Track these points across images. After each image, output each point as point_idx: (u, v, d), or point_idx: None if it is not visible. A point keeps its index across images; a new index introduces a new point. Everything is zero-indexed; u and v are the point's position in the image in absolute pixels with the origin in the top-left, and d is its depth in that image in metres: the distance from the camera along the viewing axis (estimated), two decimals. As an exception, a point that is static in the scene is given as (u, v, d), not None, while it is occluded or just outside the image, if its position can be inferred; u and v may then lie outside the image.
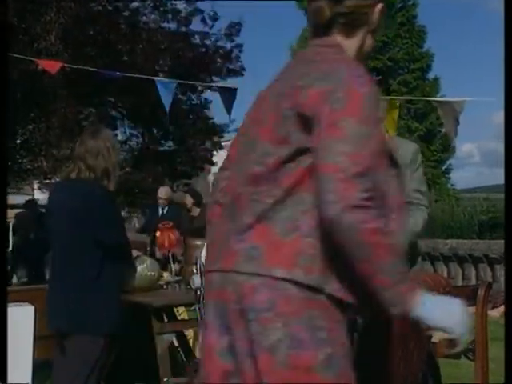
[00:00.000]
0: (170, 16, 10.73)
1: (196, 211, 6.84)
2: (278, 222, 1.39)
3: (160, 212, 7.11)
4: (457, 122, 8.36)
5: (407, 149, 2.82)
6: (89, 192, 2.71)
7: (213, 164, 12.34)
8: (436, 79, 18.05)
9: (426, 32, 17.98)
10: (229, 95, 7.47)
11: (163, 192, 7.23)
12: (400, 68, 17.72)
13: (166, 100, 7.10)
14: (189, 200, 7.09)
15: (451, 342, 2.43)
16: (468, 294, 2.57)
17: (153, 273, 3.49)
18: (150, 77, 7.55)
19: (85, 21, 9.20)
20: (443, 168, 18.40)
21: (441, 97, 16.77)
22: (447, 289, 2.08)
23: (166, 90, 7.18)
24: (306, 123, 1.38)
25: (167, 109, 7.01)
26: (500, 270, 8.26)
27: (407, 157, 2.79)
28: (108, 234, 2.68)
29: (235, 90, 7.58)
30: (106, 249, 2.66)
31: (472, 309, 2.56)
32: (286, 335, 1.35)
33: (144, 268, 3.43)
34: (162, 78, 7.55)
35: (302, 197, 1.39)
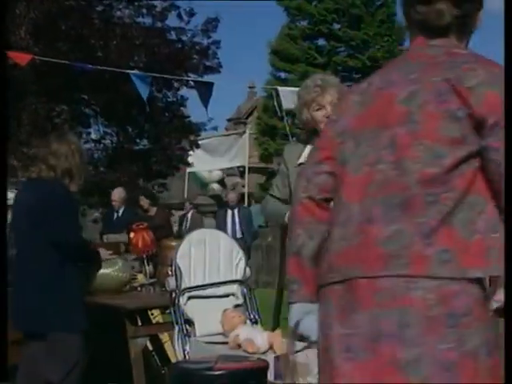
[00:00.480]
0: (144, 11, 10.67)
1: (153, 211, 7.09)
2: (458, 223, 1.41)
3: (115, 215, 7.20)
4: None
5: None
6: (48, 191, 2.76)
7: (189, 164, 12.31)
8: (416, 78, 18.23)
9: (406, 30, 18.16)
10: (205, 90, 7.46)
11: (117, 194, 7.34)
12: (380, 67, 17.82)
13: (144, 93, 7.06)
14: (144, 201, 7.36)
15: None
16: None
17: (124, 274, 3.49)
18: (125, 70, 7.51)
19: (56, 15, 9.12)
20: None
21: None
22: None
23: (142, 83, 7.15)
24: (480, 125, 1.43)
25: (145, 99, 6.98)
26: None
27: None
28: (66, 233, 2.71)
29: (211, 84, 7.59)
30: (65, 248, 2.69)
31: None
32: (484, 340, 1.38)
33: (116, 270, 3.43)
34: (137, 72, 7.50)
35: (476, 198, 1.43)
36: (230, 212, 10.01)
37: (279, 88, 9.20)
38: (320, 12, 17.55)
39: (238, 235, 9.40)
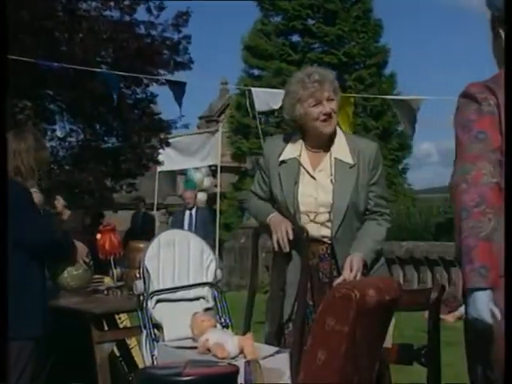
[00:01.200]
0: (112, 4, 10.59)
1: (66, 214, 7.07)
2: None
3: None
4: (414, 120, 8.54)
5: (367, 150, 2.81)
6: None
7: (159, 163, 12.24)
8: (392, 75, 18.40)
9: (383, 26, 18.31)
10: (177, 89, 7.45)
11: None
12: (356, 63, 17.99)
13: (113, 91, 7.01)
14: (60, 203, 7.32)
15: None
16: (420, 298, 2.63)
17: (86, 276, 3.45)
18: (94, 69, 7.45)
19: (18, 6, 8.98)
20: (400, 167, 18.77)
21: (397, 93, 17.11)
22: (398, 293, 2.12)
23: (111, 81, 7.10)
24: None
25: (115, 98, 6.93)
26: (456, 273, 8.48)
27: (367, 159, 2.79)
28: (26, 233, 2.68)
29: (184, 84, 7.58)
30: (27, 249, 2.66)
31: (425, 313, 2.62)
32: None
33: (78, 271, 3.39)
34: (106, 71, 7.44)
35: None
36: (187, 213, 9.83)
37: (252, 89, 9.22)
38: (294, 7, 17.62)
39: None
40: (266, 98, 8.76)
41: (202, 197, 19.02)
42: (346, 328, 1.88)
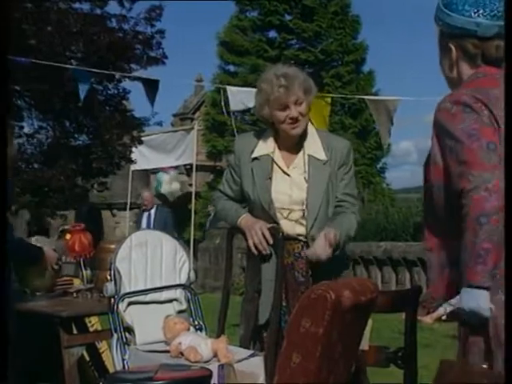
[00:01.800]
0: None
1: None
2: None
3: None
4: (390, 121, 8.58)
5: (338, 146, 2.84)
6: None
7: (131, 161, 12.18)
8: (371, 73, 18.50)
9: (361, 22, 18.40)
10: (150, 87, 7.42)
11: None
12: (333, 60, 18.06)
13: (81, 89, 6.95)
14: None
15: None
16: (397, 299, 2.65)
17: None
18: (64, 65, 7.39)
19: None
20: (378, 166, 18.89)
21: (375, 92, 17.23)
22: (374, 294, 2.14)
23: (79, 78, 7.04)
24: None
25: (82, 97, 6.87)
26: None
27: (338, 155, 2.82)
28: None
29: (157, 82, 7.55)
30: None
31: (402, 314, 2.65)
32: None
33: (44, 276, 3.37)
34: (76, 67, 7.37)
35: None
36: (145, 214, 9.65)
37: (227, 87, 9.21)
38: (271, 2, 17.63)
39: None
40: (242, 97, 8.76)
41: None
42: (322, 330, 1.89)
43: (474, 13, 2.07)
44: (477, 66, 2.13)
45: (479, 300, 1.87)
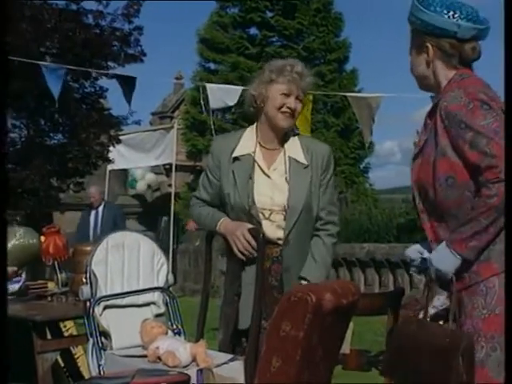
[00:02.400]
0: (57, -10, 10.45)
1: None
2: None
3: None
4: (372, 119, 8.61)
5: (319, 151, 2.85)
6: None
7: (109, 161, 12.11)
8: (354, 71, 18.57)
9: (343, 20, 18.46)
10: (127, 84, 7.39)
11: None
12: (315, 58, 18.09)
13: (55, 87, 6.90)
14: None
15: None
16: (379, 302, 2.67)
17: (32, 240, 3.39)
18: (35, 61, 7.33)
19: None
20: (361, 166, 18.95)
21: (358, 90, 17.29)
22: (356, 296, 2.15)
23: (53, 75, 6.99)
24: None
25: (56, 97, 6.82)
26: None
27: (320, 160, 2.83)
28: None
29: (133, 79, 7.51)
30: None
31: (385, 317, 2.66)
32: None
33: (19, 238, 3.33)
34: (48, 63, 7.32)
35: None
36: (93, 212, 9.19)
37: (207, 85, 9.19)
38: (252, -1, 17.62)
39: None
40: (221, 95, 8.74)
41: (142, 186, 18.92)
42: (302, 333, 1.89)
43: (453, 15, 2.21)
44: (452, 66, 2.28)
45: (452, 265, 2.11)
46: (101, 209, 9.06)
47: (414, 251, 2.31)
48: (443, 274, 2.14)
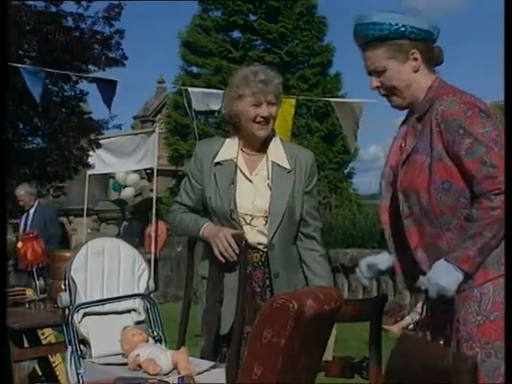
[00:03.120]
0: (36, -8, 10.40)
1: None
2: None
3: None
4: (356, 124, 8.64)
5: (303, 156, 2.87)
6: None
7: (89, 166, 12.05)
8: (337, 75, 18.64)
9: (327, 24, 18.53)
10: (107, 88, 7.35)
11: None
12: (299, 62, 18.14)
13: (36, 89, 6.86)
14: None
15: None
16: (362, 308, 2.67)
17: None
18: (15, 64, 7.27)
19: None
20: (345, 171, 19.01)
21: (342, 95, 17.36)
22: (338, 303, 2.15)
23: (34, 78, 6.94)
24: None
25: (37, 98, 6.77)
26: (403, 282, 8.61)
27: (303, 166, 2.84)
28: None
29: (114, 82, 7.48)
30: None
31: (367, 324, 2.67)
32: None
33: None
34: (28, 66, 7.27)
35: None
36: (24, 215, 8.69)
37: (189, 89, 9.18)
38: (235, 2, 17.64)
39: None
40: (204, 98, 8.73)
41: (129, 192, 18.81)
42: (284, 340, 1.89)
43: (425, 19, 2.23)
44: (431, 71, 2.28)
45: (454, 282, 2.08)
46: (32, 211, 8.57)
47: (369, 266, 2.37)
48: (446, 291, 2.09)
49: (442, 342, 2.14)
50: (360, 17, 2.26)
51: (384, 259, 2.45)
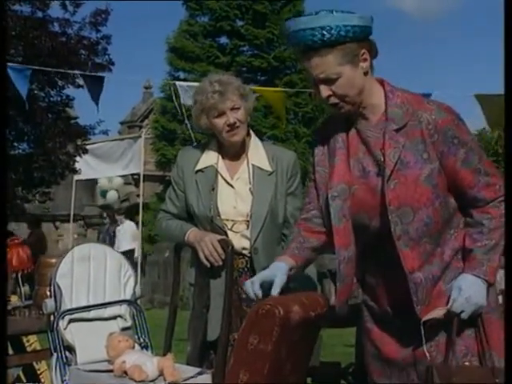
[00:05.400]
0: (22, -3, 10.38)
1: None
2: None
3: None
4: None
5: (284, 157, 2.87)
6: None
7: (75, 171, 12.02)
8: (324, 81, 18.66)
9: (314, 30, 18.57)
10: (94, 85, 7.30)
11: None
12: (286, 68, 18.18)
13: (22, 89, 6.82)
14: None
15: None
16: (348, 313, 2.67)
17: None
18: None
19: None
20: (332, 177, 19.01)
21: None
22: (324, 308, 2.15)
23: (20, 77, 6.89)
24: None
25: (24, 96, 6.74)
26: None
27: (285, 166, 2.85)
28: None
29: (101, 78, 7.46)
30: None
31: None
32: None
33: None
34: (15, 64, 7.23)
35: None
36: None
37: (177, 83, 9.14)
38: (222, 7, 17.66)
39: None
40: (192, 92, 8.69)
41: (113, 195, 18.74)
42: (270, 346, 1.89)
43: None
44: (372, 69, 2.11)
45: (484, 296, 2.04)
46: None
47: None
48: (482, 308, 2.04)
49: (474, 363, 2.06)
50: (301, 21, 2.02)
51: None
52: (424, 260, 2.06)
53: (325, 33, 1.98)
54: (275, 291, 2.09)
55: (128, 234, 13.01)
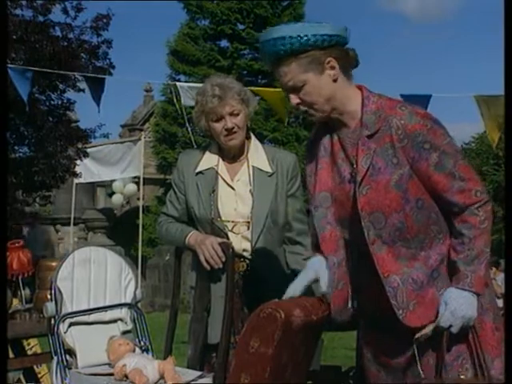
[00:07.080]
0: (24, 2, 10.38)
1: None
2: None
3: None
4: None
5: (285, 159, 2.87)
6: None
7: (76, 174, 12.02)
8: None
9: (315, 33, 18.59)
10: (96, 86, 7.31)
11: None
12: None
13: (24, 91, 6.82)
14: None
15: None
16: (347, 317, 2.66)
17: None
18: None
19: None
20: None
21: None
22: (326, 312, 2.14)
23: (22, 79, 6.90)
24: None
25: (25, 98, 6.74)
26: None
27: (285, 168, 2.85)
28: None
29: (102, 79, 7.46)
30: None
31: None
32: None
33: None
34: (17, 66, 7.23)
35: None
36: None
37: (178, 84, 9.14)
38: (223, 11, 17.70)
39: None
40: (193, 94, 8.71)
41: (117, 200, 18.72)
42: (271, 350, 1.88)
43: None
44: (350, 75, 2.13)
45: (475, 307, 2.02)
46: None
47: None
48: (471, 321, 2.02)
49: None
50: (266, 33, 2.12)
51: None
52: (401, 264, 2.05)
53: (287, 43, 2.04)
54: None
55: None
